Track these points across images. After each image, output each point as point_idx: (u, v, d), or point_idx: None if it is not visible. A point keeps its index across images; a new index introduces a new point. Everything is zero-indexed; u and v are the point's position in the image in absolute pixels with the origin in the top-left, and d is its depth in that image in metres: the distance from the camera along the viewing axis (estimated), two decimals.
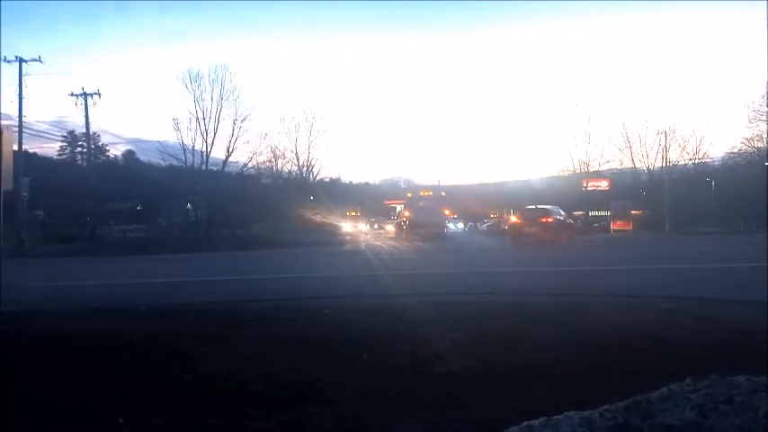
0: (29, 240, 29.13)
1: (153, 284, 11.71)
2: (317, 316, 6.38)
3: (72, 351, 4.93)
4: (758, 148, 56.34)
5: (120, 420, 3.10)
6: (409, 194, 44.43)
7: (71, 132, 51.37)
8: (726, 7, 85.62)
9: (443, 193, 44.81)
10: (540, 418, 2.60)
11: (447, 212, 43.76)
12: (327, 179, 65.44)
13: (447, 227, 40.74)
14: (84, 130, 39.87)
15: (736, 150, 58.35)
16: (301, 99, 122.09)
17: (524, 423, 2.61)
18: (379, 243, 29.15)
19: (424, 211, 35.23)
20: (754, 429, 2.46)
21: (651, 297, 7.32)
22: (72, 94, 36.82)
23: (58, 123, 65.27)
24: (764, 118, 54.33)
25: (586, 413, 2.61)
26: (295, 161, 57.93)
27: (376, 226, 58.78)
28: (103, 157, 52.18)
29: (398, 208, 47.36)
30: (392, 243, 28.24)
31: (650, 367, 3.92)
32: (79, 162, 52.45)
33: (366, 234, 46.76)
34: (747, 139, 56.51)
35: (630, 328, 5.32)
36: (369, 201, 68.86)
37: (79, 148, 53.52)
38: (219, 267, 16.32)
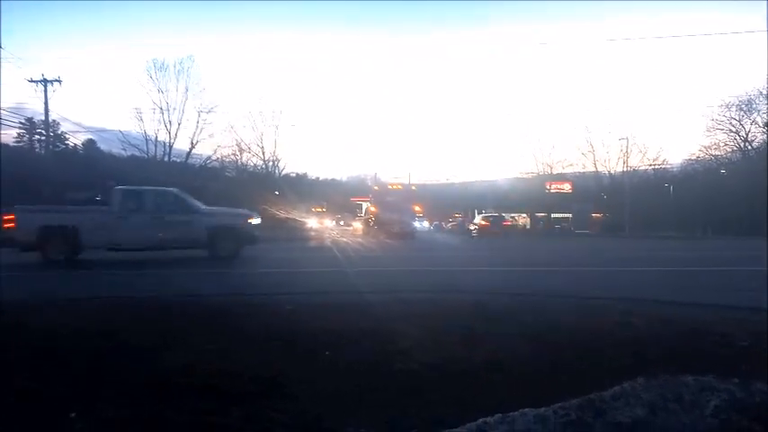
0: None
1: (109, 276, 11.45)
2: (280, 311, 6.34)
3: (25, 344, 4.79)
4: (715, 156, 58.34)
5: (72, 415, 3.03)
6: (376, 188, 39.73)
7: (29, 119, 49.67)
8: (687, 21, 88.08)
9: (414, 188, 42.56)
10: (496, 415, 2.64)
11: (417, 209, 39.77)
12: (293, 174, 64.95)
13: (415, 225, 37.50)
14: (43, 118, 38.67)
15: (694, 158, 60.33)
16: (269, 94, 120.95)
17: (480, 420, 2.66)
18: (344, 240, 29.05)
19: (392, 207, 32.63)
20: (701, 427, 2.55)
21: (607, 298, 7.48)
22: (31, 81, 35.59)
23: (16, 110, 63.35)
24: (722, 127, 56.37)
25: (541, 410, 2.67)
26: (260, 155, 57.35)
27: (342, 222, 58.57)
28: (63, 146, 50.58)
29: (365, 205, 45.28)
30: (358, 240, 28.19)
31: (605, 366, 4.02)
32: (37, 150, 50.75)
33: (332, 230, 46.46)
34: (705, 147, 58.62)
35: (586, 327, 5.44)
36: (335, 197, 68.63)
37: (37, 136, 51.76)
38: (178, 260, 16.03)
